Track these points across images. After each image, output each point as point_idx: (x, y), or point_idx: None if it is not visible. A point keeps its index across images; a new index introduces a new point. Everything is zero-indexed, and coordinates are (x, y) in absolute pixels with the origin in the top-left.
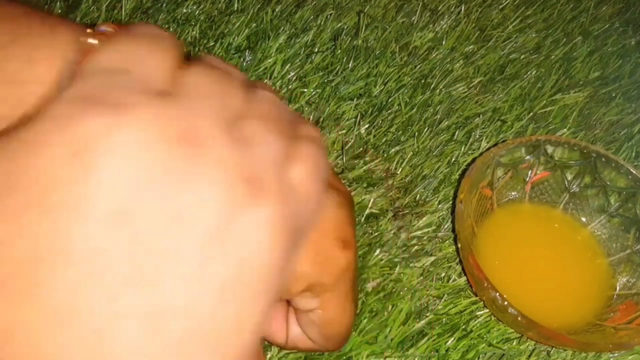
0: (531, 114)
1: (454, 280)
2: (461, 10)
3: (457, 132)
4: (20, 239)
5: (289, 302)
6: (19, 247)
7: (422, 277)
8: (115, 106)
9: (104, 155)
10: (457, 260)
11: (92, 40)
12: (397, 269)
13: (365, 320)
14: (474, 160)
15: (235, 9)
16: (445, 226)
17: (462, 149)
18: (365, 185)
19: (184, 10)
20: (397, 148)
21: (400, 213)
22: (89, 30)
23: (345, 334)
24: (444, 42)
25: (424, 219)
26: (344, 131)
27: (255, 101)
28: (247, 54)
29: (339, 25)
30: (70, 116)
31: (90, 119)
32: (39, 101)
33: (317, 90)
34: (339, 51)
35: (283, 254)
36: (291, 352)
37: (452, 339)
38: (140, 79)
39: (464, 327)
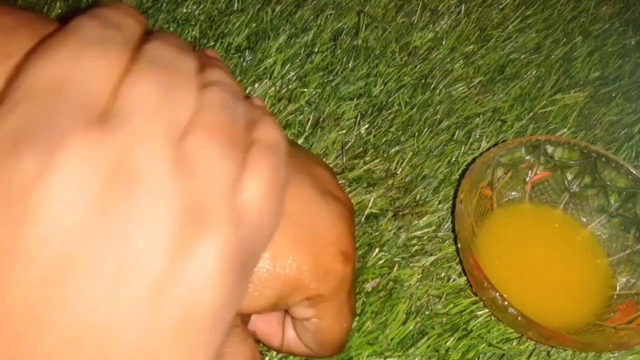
0: (531, 114)
1: (454, 280)
2: (461, 10)
3: (457, 132)
4: None
5: None
6: None
7: (422, 277)
8: (48, 144)
9: (37, 203)
10: (457, 260)
11: None
12: (397, 268)
13: (365, 321)
14: (474, 160)
15: (235, 9)
16: (445, 226)
17: (462, 149)
18: (365, 185)
19: (184, 10)
20: (397, 148)
21: (400, 213)
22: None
23: (339, 342)
24: (444, 42)
25: (424, 219)
26: (344, 131)
27: (205, 105)
28: (247, 54)
29: (339, 25)
30: (3, 155)
31: (21, 160)
32: None
33: (317, 90)
34: (339, 51)
35: (233, 287)
36: (289, 356)
37: (452, 339)
38: (78, 100)
39: (464, 327)
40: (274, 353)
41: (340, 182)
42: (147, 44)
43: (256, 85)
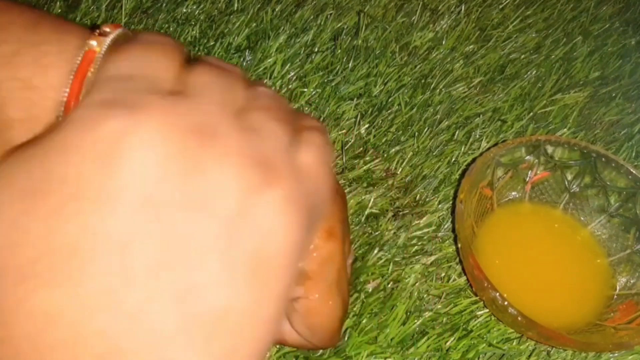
0: (531, 114)
1: (454, 280)
2: (461, 10)
3: (457, 132)
4: (60, 234)
5: None
6: (59, 241)
7: (422, 277)
8: (132, 107)
9: (126, 152)
10: (457, 260)
11: (94, 42)
12: (397, 268)
13: (365, 320)
14: (474, 160)
15: (235, 8)
16: (445, 226)
17: (462, 149)
18: (365, 185)
19: (184, 10)
20: (397, 148)
21: (400, 213)
22: (92, 34)
23: (331, 329)
24: (444, 42)
25: (424, 219)
26: (344, 131)
27: (257, 95)
28: (247, 53)
29: (339, 25)
30: (93, 119)
31: (111, 120)
32: (55, 105)
33: (317, 90)
34: (339, 51)
35: (301, 231)
36: (291, 350)
37: (452, 338)
38: (151, 82)
39: (464, 327)
40: (274, 350)
41: (340, 182)
42: (199, 56)
43: None
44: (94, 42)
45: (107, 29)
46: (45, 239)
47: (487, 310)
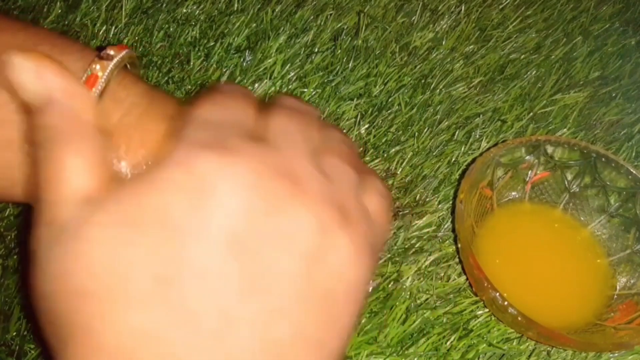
0: (531, 114)
1: (453, 280)
2: (461, 10)
3: (457, 132)
4: (152, 261)
5: None
6: (150, 268)
7: (422, 277)
8: (224, 149)
9: (218, 190)
10: (457, 260)
11: (97, 66)
12: (397, 268)
13: (365, 320)
14: (474, 160)
15: (235, 9)
16: (445, 226)
17: (462, 149)
18: None
19: (184, 10)
20: (397, 148)
21: (400, 213)
22: (95, 57)
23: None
24: (444, 42)
25: (424, 218)
26: (344, 131)
27: (329, 138)
28: (247, 54)
29: (339, 25)
30: (189, 158)
31: (206, 160)
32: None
33: (317, 90)
34: (339, 51)
35: (368, 272)
36: None
37: (452, 338)
38: (237, 127)
39: (464, 326)
40: None
41: None
42: (273, 99)
43: (256, 85)
44: (97, 66)
45: (111, 52)
46: (138, 265)
47: (487, 310)
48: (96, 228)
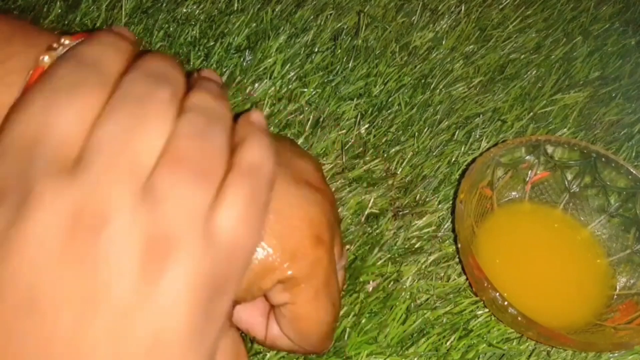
0: (531, 114)
1: (453, 280)
2: (461, 10)
3: (457, 132)
4: None
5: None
6: None
7: (421, 277)
8: (18, 197)
9: (12, 246)
10: (457, 259)
11: (46, 58)
12: (396, 268)
13: (365, 320)
14: (474, 160)
15: (235, 8)
16: (445, 226)
17: (462, 149)
18: (365, 185)
19: (184, 10)
20: (397, 148)
21: (400, 213)
22: (49, 48)
23: (319, 333)
24: (444, 42)
25: (424, 219)
26: (344, 131)
27: (177, 134)
28: (247, 53)
29: (339, 25)
30: None
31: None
32: None
33: (317, 90)
34: (339, 51)
35: (204, 307)
36: (289, 356)
37: (452, 338)
38: (51, 151)
39: (464, 326)
40: (273, 353)
41: (340, 182)
42: (125, 76)
43: (256, 85)
44: (45, 58)
45: (66, 41)
46: None
47: (487, 310)
48: None
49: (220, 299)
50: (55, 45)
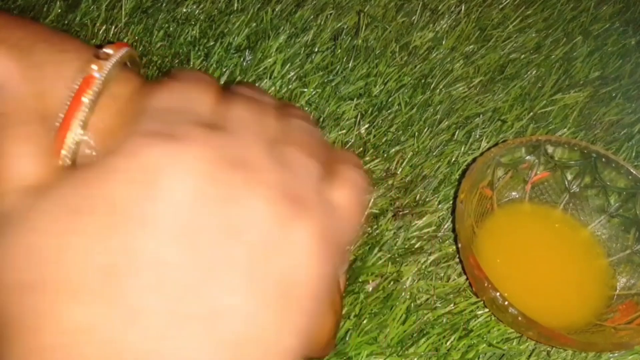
0: (531, 114)
1: (453, 280)
2: (461, 10)
3: (457, 132)
4: (99, 251)
5: None
6: (98, 258)
7: (421, 277)
8: (174, 137)
9: (166, 178)
10: (457, 259)
11: (94, 67)
12: (396, 268)
13: (365, 321)
14: (474, 160)
15: (235, 8)
16: (445, 226)
17: (462, 149)
18: None
19: (184, 10)
20: (397, 148)
21: (400, 213)
22: (92, 57)
23: (322, 341)
24: (444, 42)
25: (424, 219)
26: (344, 131)
27: (290, 128)
28: (247, 53)
29: (339, 25)
30: (138, 147)
31: (154, 148)
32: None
33: (317, 90)
34: (339, 51)
35: (327, 266)
36: None
37: (452, 338)
38: (191, 115)
39: (464, 326)
40: None
41: None
42: (233, 87)
43: (256, 84)
44: (94, 67)
45: (110, 51)
46: (84, 255)
47: (487, 310)
48: (40, 217)
49: (334, 265)
50: (100, 54)
